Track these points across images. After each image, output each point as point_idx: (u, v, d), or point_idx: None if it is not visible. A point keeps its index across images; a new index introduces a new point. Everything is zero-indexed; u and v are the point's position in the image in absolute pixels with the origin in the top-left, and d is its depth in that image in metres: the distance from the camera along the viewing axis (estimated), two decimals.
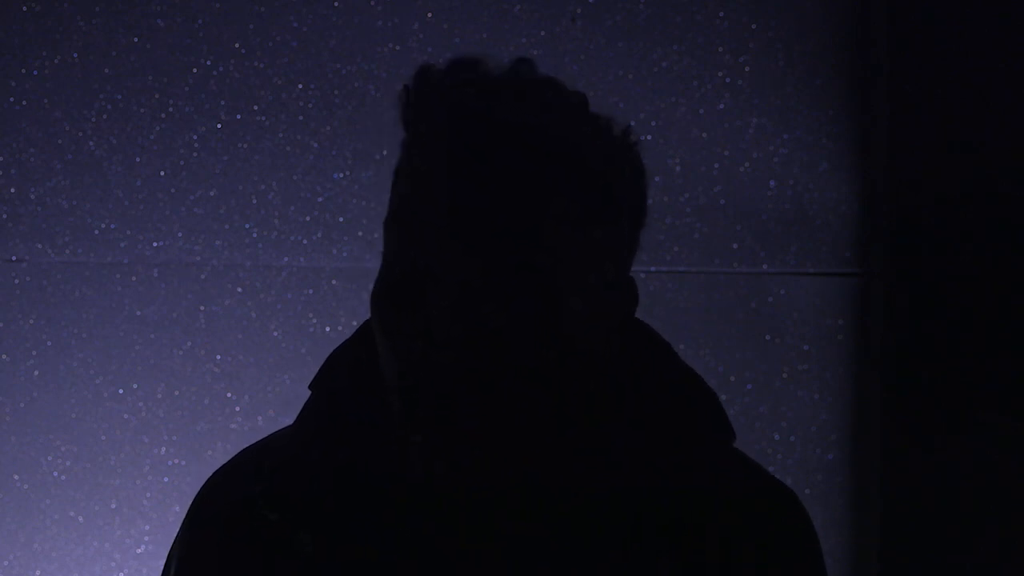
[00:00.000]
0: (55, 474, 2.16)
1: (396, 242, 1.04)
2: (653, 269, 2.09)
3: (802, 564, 1.13)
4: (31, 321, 2.16)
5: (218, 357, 2.15)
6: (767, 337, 2.13)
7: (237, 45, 2.15)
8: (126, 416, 2.15)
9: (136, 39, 2.15)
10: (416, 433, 1.04)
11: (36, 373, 2.16)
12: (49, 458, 2.16)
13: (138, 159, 2.15)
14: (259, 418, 2.14)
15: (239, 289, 2.15)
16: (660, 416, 1.11)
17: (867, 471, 2.12)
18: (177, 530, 1.25)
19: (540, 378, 1.03)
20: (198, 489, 1.25)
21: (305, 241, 2.15)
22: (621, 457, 1.08)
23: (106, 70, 2.16)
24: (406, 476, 1.08)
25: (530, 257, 1.01)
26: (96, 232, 2.16)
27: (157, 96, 2.15)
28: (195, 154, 2.15)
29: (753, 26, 2.13)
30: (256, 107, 2.15)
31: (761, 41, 2.13)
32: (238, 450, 1.27)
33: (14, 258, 2.17)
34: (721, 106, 2.12)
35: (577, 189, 1.04)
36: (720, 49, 2.13)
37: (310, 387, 1.17)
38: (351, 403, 1.13)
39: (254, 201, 2.15)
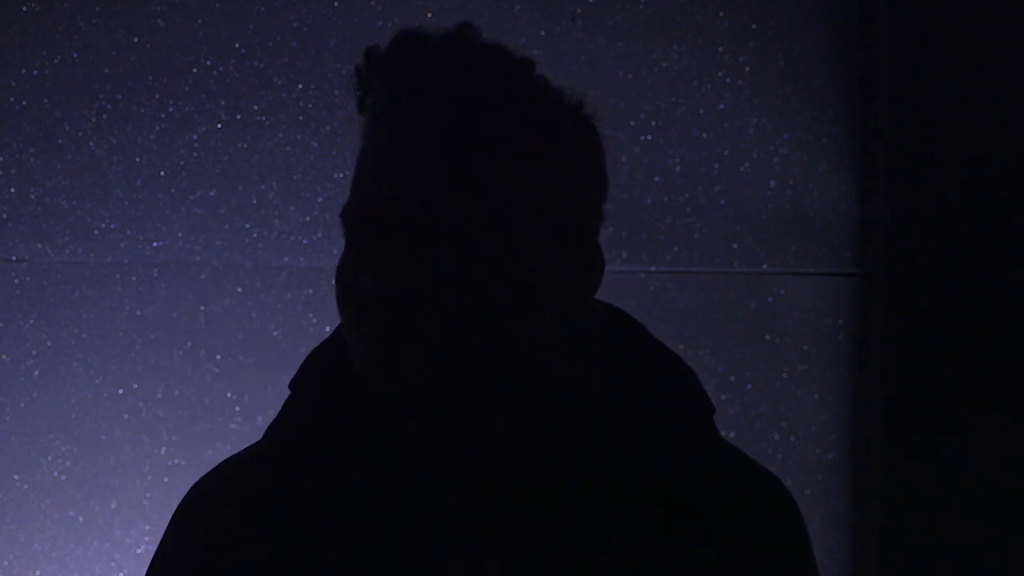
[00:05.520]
0: (55, 474, 2.16)
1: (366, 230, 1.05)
2: (653, 269, 2.09)
3: (790, 551, 1.13)
4: (31, 321, 2.16)
5: (218, 357, 2.15)
6: (767, 337, 2.13)
7: (237, 45, 2.15)
8: (126, 416, 2.15)
9: (136, 39, 2.15)
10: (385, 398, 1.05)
11: (36, 373, 2.16)
12: (49, 458, 2.16)
13: (138, 159, 2.15)
14: (259, 418, 2.14)
15: (239, 289, 2.15)
16: (638, 401, 1.11)
17: (867, 471, 2.12)
18: None
19: (517, 354, 1.03)
20: None
21: (305, 241, 2.15)
22: (599, 447, 1.08)
23: (106, 70, 2.16)
24: (392, 470, 1.08)
25: (488, 218, 1.02)
26: (96, 232, 2.16)
27: (157, 96, 2.15)
28: (195, 154, 2.15)
29: (753, 26, 2.13)
30: (256, 107, 2.15)
31: (761, 41, 2.13)
32: (238, 450, 1.27)
33: (14, 258, 2.17)
34: (721, 106, 2.12)
35: (528, 146, 1.05)
36: (720, 49, 2.13)
37: (290, 386, 1.18)
38: (331, 402, 1.14)
39: (254, 201, 2.15)
